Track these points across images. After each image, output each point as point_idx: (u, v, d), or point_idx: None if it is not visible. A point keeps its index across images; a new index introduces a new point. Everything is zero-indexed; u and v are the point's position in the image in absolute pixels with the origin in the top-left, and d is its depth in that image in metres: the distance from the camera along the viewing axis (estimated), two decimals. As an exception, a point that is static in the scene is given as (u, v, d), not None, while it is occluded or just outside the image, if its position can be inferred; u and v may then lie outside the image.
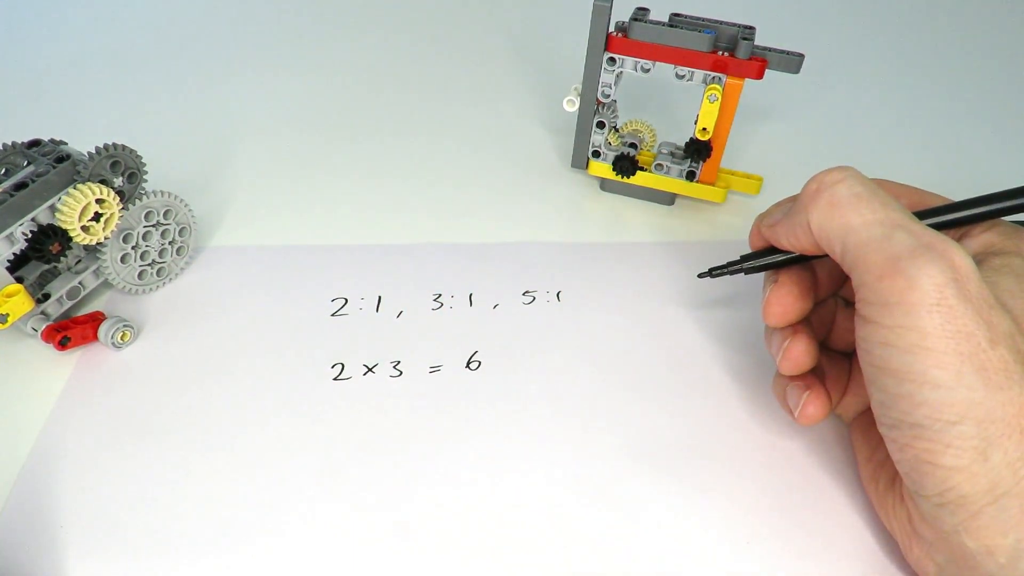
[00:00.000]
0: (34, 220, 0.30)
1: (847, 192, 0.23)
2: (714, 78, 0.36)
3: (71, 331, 0.32)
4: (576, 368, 0.33)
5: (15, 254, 0.30)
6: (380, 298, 0.36)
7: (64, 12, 0.62)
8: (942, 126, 0.49)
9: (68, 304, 0.33)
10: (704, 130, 0.37)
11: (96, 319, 0.32)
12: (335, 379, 0.32)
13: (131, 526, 0.27)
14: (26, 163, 0.32)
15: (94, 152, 0.31)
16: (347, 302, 0.36)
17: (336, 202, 0.42)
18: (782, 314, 0.27)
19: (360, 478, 0.28)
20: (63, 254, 0.32)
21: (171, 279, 0.36)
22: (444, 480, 0.28)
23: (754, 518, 0.27)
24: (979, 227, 0.26)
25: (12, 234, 0.30)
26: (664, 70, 0.37)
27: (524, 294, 0.36)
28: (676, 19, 0.36)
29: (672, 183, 0.41)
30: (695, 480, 0.28)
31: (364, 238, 0.39)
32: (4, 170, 0.31)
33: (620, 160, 0.40)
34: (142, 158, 0.33)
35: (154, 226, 0.35)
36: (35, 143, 0.32)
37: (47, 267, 0.33)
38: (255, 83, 0.53)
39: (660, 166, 0.40)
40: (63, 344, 0.31)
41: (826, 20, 0.63)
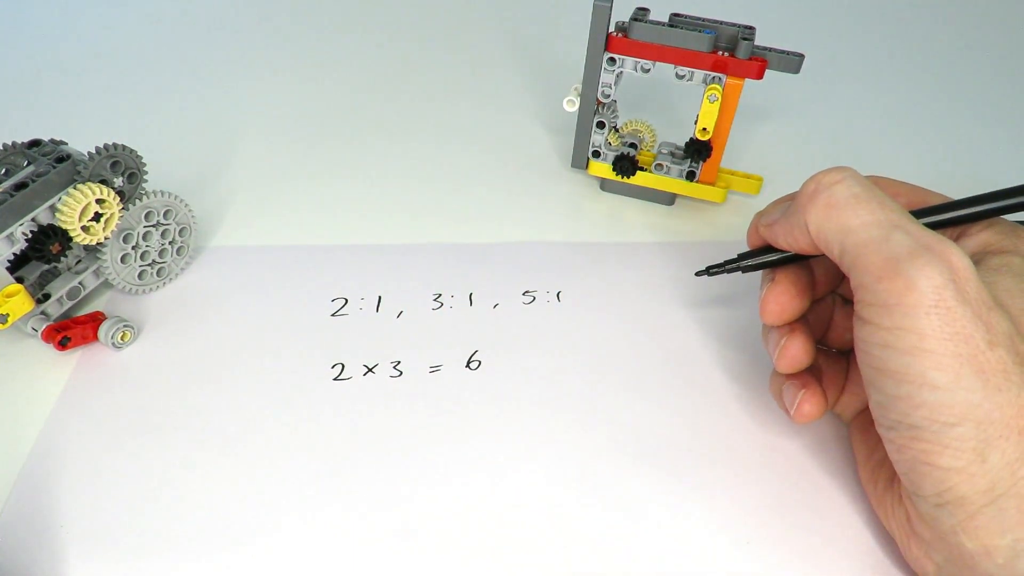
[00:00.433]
0: (34, 220, 0.30)
1: (845, 193, 0.23)
2: (714, 78, 0.36)
3: (71, 331, 0.32)
4: (576, 368, 0.33)
5: (15, 254, 0.30)
6: (380, 298, 0.36)
7: (64, 12, 0.62)
8: (942, 126, 0.49)
9: (68, 304, 0.33)
10: (704, 130, 0.37)
11: (96, 319, 0.32)
12: (335, 379, 0.32)
13: (131, 526, 0.27)
14: (26, 163, 0.32)
15: (94, 152, 0.31)
16: (347, 302, 0.36)
17: (336, 202, 0.42)
18: (779, 312, 0.27)
19: (360, 478, 0.28)
20: (63, 254, 0.32)
21: (171, 279, 0.36)
22: (444, 480, 0.28)
23: (754, 518, 0.27)
24: (977, 226, 0.26)
25: (12, 234, 0.30)
26: (664, 70, 0.37)
27: (524, 294, 0.36)
28: (676, 19, 0.36)
29: (672, 183, 0.41)
30: (695, 480, 0.28)
31: (364, 238, 0.39)
32: (4, 170, 0.31)
33: (620, 160, 0.40)
34: (142, 158, 0.33)
35: (154, 226, 0.35)
36: (35, 143, 0.32)
37: (47, 267, 0.33)
38: (256, 83, 0.53)
39: (660, 166, 0.40)
40: (63, 344, 0.31)
41: (826, 20, 0.63)
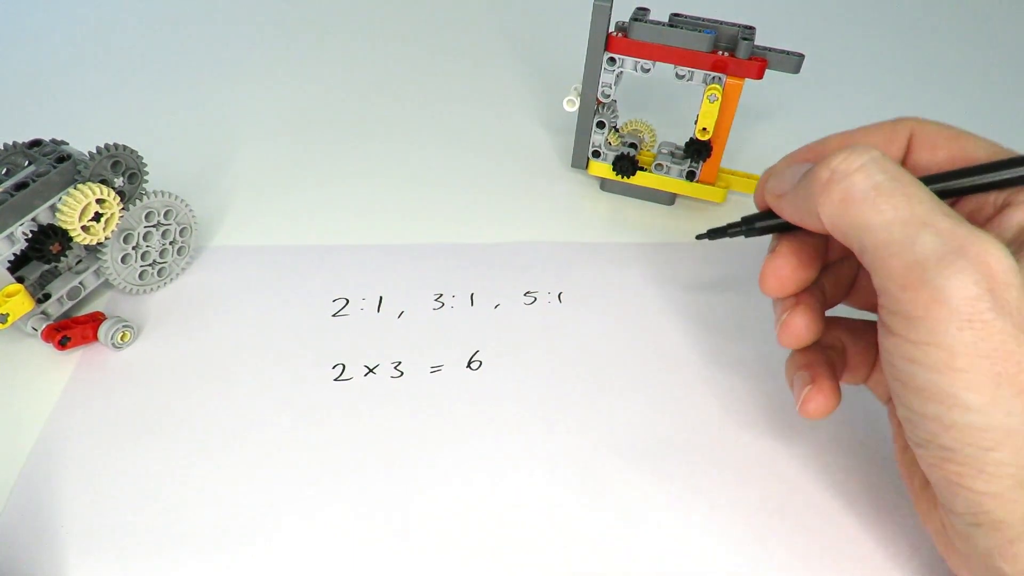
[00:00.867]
0: (35, 220, 0.30)
1: (864, 184, 0.20)
2: (714, 78, 0.36)
3: (71, 331, 0.32)
4: (577, 368, 0.33)
5: (16, 254, 0.30)
6: (381, 298, 0.36)
7: (65, 12, 0.62)
8: (942, 126, 0.49)
9: (68, 304, 0.33)
10: (704, 130, 0.37)
11: (96, 319, 0.32)
12: (336, 379, 0.32)
13: (131, 526, 0.27)
14: (27, 163, 0.32)
15: (95, 152, 0.31)
16: (348, 302, 0.36)
17: (337, 202, 0.42)
18: (778, 286, 0.25)
19: (361, 478, 0.28)
20: (63, 254, 0.32)
21: (172, 279, 0.36)
22: (445, 480, 0.28)
23: (754, 520, 0.27)
24: None
25: (12, 234, 0.30)
26: (664, 70, 0.37)
27: (525, 294, 0.36)
28: (676, 19, 0.36)
29: (672, 183, 0.41)
30: (696, 480, 0.28)
31: (365, 238, 0.39)
32: (5, 170, 0.31)
33: (620, 160, 0.40)
34: (143, 158, 0.33)
35: (155, 226, 0.35)
36: (36, 143, 0.32)
37: (48, 267, 0.33)
38: (256, 83, 0.53)
39: (660, 166, 0.40)
40: (63, 344, 0.31)
41: (826, 20, 0.63)
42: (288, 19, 0.62)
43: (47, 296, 0.32)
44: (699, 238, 0.30)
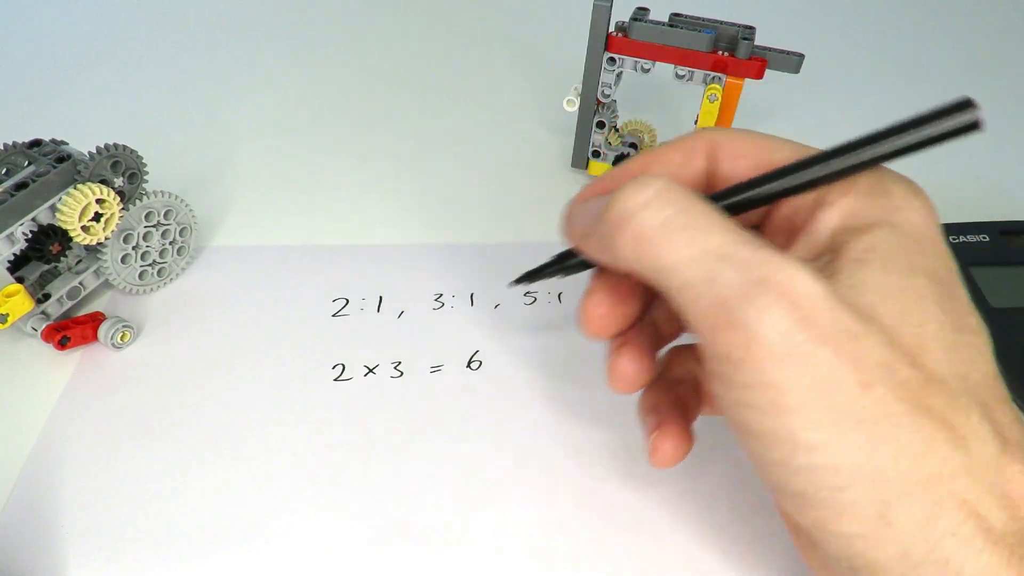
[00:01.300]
0: (34, 220, 0.30)
1: (654, 221, 0.18)
2: (714, 78, 0.36)
3: (71, 331, 0.32)
4: (578, 368, 0.33)
5: (15, 254, 0.30)
6: (381, 298, 0.36)
7: (64, 12, 0.62)
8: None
9: (68, 304, 0.33)
10: (704, 130, 0.37)
11: (96, 319, 0.32)
12: (336, 379, 0.32)
13: (131, 526, 0.27)
14: (27, 163, 0.32)
15: (95, 152, 0.31)
16: (348, 302, 0.36)
17: (337, 202, 0.42)
18: (598, 327, 0.23)
19: (361, 478, 0.28)
20: (63, 254, 0.32)
21: (172, 279, 0.36)
22: (444, 480, 0.28)
23: (755, 520, 0.27)
24: (836, 189, 0.20)
25: (12, 234, 0.30)
26: (664, 70, 0.37)
27: (526, 295, 0.36)
28: (676, 19, 0.36)
29: (672, 183, 0.41)
30: (697, 481, 0.28)
31: (365, 238, 0.39)
32: (5, 170, 0.31)
33: (620, 160, 0.40)
34: (143, 158, 0.33)
35: (155, 226, 0.35)
36: (36, 143, 0.32)
37: (47, 267, 0.33)
38: (256, 83, 0.53)
39: (660, 166, 0.40)
40: (63, 344, 0.31)
41: (826, 20, 0.63)
42: (288, 19, 0.62)
43: (47, 296, 0.32)
44: (513, 284, 0.28)
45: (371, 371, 0.32)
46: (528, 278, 0.27)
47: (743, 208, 0.21)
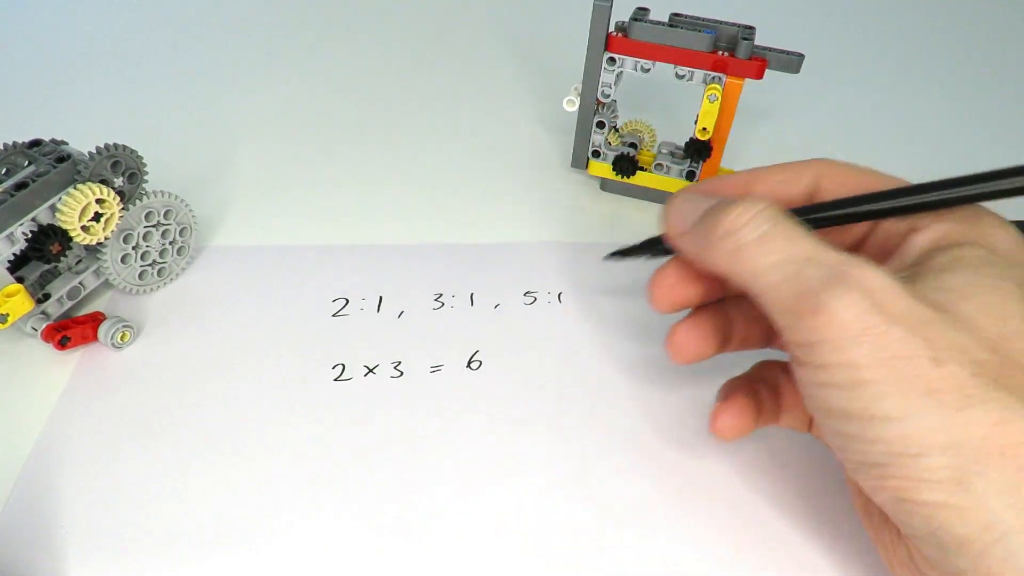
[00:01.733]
0: (34, 220, 0.30)
1: (752, 235, 0.21)
2: (714, 78, 0.36)
3: (71, 331, 0.32)
4: (578, 368, 0.33)
5: (15, 254, 0.30)
6: (381, 298, 0.36)
7: (64, 12, 0.62)
8: (942, 126, 0.49)
9: (68, 304, 0.33)
10: (704, 130, 0.37)
11: (96, 319, 0.32)
12: (336, 379, 0.32)
13: (131, 526, 0.27)
14: (27, 163, 0.32)
15: (95, 152, 0.31)
16: (348, 302, 0.36)
17: (337, 202, 0.42)
18: (663, 298, 0.26)
19: (360, 478, 0.28)
20: (63, 254, 0.32)
21: (172, 279, 0.36)
22: (445, 480, 0.28)
23: (755, 521, 0.27)
24: (930, 216, 0.22)
25: (12, 234, 0.30)
26: (664, 70, 0.37)
27: (525, 294, 0.36)
28: (676, 19, 0.36)
29: (672, 183, 0.41)
30: (697, 482, 0.28)
31: (365, 238, 0.39)
32: (5, 170, 0.31)
33: (620, 160, 0.40)
34: (143, 158, 0.33)
35: (155, 226, 0.35)
36: (36, 143, 0.32)
37: (47, 267, 0.33)
38: (256, 83, 0.53)
39: (660, 166, 0.40)
40: (63, 344, 0.31)
41: (826, 20, 0.63)
42: (288, 19, 0.62)
43: (47, 296, 0.32)
44: (608, 258, 0.31)
45: (371, 371, 0.32)
46: (621, 255, 0.30)
47: (841, 221, 0.24)
